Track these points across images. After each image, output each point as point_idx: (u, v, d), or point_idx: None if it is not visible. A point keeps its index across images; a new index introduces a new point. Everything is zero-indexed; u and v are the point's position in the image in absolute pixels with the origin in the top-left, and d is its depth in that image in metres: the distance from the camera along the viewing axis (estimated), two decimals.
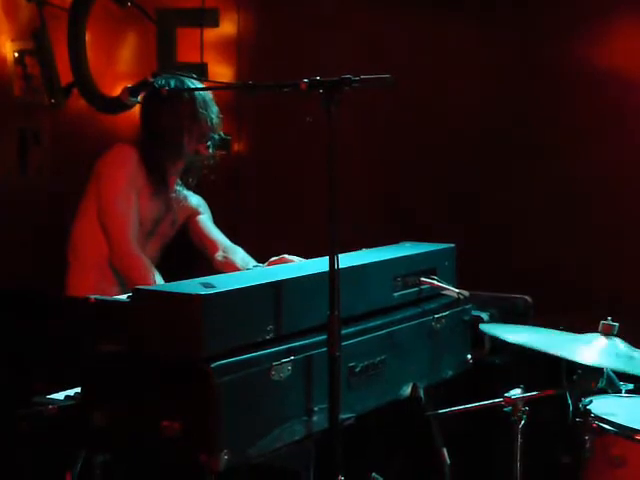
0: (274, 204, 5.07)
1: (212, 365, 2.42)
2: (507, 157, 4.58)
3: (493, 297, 4.15)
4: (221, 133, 3.94)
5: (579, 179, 4.44)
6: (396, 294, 3.17)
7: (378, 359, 2.98)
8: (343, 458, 2.68)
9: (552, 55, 4.48)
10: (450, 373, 3.41)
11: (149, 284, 3.52)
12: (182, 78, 3.71)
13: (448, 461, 3.58)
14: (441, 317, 3.32)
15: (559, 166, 4.48)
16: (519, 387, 3.19)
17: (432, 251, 3.42)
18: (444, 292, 3.33)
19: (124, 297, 2.66)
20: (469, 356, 3.51)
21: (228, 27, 5.19)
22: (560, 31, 4.45)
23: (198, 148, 3.84)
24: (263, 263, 3.63)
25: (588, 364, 3.06)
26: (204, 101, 3.79)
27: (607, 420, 3.02)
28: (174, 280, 2.74)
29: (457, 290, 3.30)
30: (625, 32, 4.41)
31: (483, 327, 3.40)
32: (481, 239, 4.54)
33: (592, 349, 3.10)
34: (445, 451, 3.59)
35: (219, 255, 3.96)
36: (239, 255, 3.93)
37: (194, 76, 3.81)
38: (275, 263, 3.46)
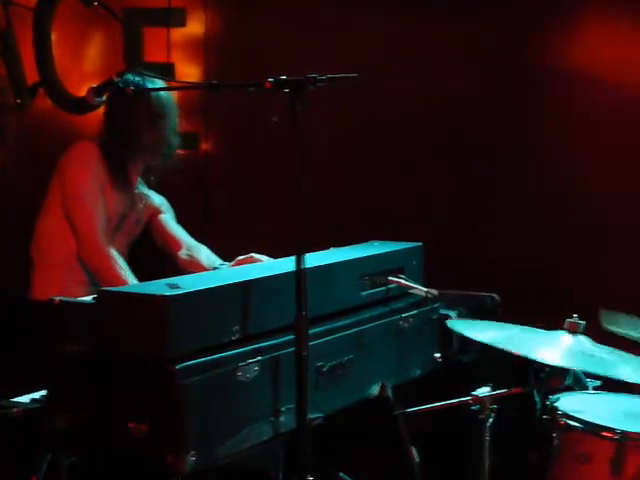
0: (242, 203, 5.07)
1: (178, 366, 2.41)
2: (476, 157, 4.60)
3: (461, 295, 4.16)
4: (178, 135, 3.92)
5: (550, 179, 4.47)
6: (364, 293, 3.17)
7: (346, 358, 2.98)
8: (312, 458, 2.68)
9: (527, 55, 4.51)
10: (418, 372, 3.41)
11: (119, 279, 3.52)
12: (147, 77, 3.70)
13: (417, 460, 3.59)
14: (409, 316, 3.32)
15: (529, 166, 4.51)
16: (487, 385, 3.20)
17: (400, 250, 3.42)
18: (412, 291, 3.32)
19: (89, 298, 2.64)
20: (437, 355, 3.51)
21: (195, 27, 5.19)
22: (533, 31, 4.49)
23: (158, 147, 3.81)
24: (231, 262, 3.62)
25: (550, 364, 3.07)
26: (167, 101, 3.79)
27: (574, 417, 3.04)
28: (143, 280, 2.73)
29: (425, 289, 3.30)
30: (594, 32, 4.45)
31: (450, 323, 3.40)
32: (451, 238, 4.55)
33: (557, 348, 3.11)
34: (414, 450, 3.60)
35: (183, 253, 3.95)
36: (204, 253, 3.92)
37: (158, 76, 3.79)
38: (242, 263, 3.46)
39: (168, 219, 4.07)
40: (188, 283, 2.58)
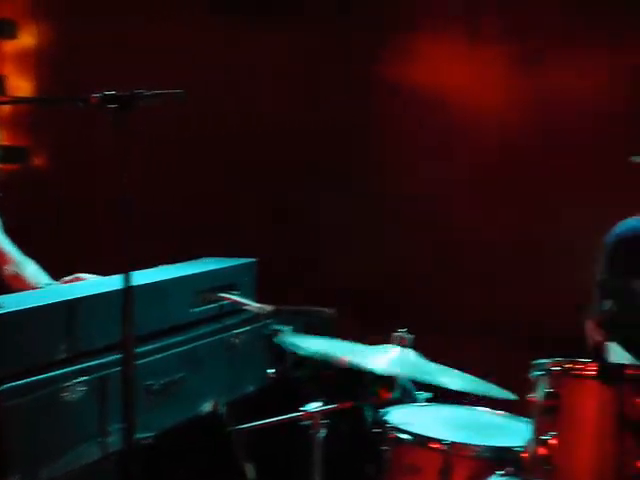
0: (74, 219, 4.98)
1: (0, 388, 2.34)
2: (321, 172, 4.67)
3: (297, 311, 4.17)
4: None
5: (394, 196, 4.57)
6: (195, 310, 3.16)
7: (177, 376, 2.96)
8: (143, 478, 2.64)
9: (365, 70, 4.60)
10: (251, 388, 3.41)
11: None
12: None
13: (253, 477, 3.58)
14: (241, 332, 3.32)
15: (374, 182, 4.60)
16: (318, 400, 3.22)
17: (232, 266, 3.42)
18: (245, 307, 3.32)
19: None
20: (270, 370, 3.51)
21: (26, 39, 5.10)
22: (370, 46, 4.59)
23: None
24: (58, 280, 3.53)
25: (376, 371, 3.11)
26: None
27: (403, 429, 3.08)
28: None
29: (257, 305, 3.30)
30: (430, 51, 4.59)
31: (279, 339, 3.40)
32: (290, 254, 4.58)
33: (384, 358, 3.14)
34: (250, 467, 3.59)
35: (8, 269, 3.81)
36: (30, 269, 3.79)
37: None
38: (69, 282, 3.37)
39: None
40: (10, 302, 2.51)
